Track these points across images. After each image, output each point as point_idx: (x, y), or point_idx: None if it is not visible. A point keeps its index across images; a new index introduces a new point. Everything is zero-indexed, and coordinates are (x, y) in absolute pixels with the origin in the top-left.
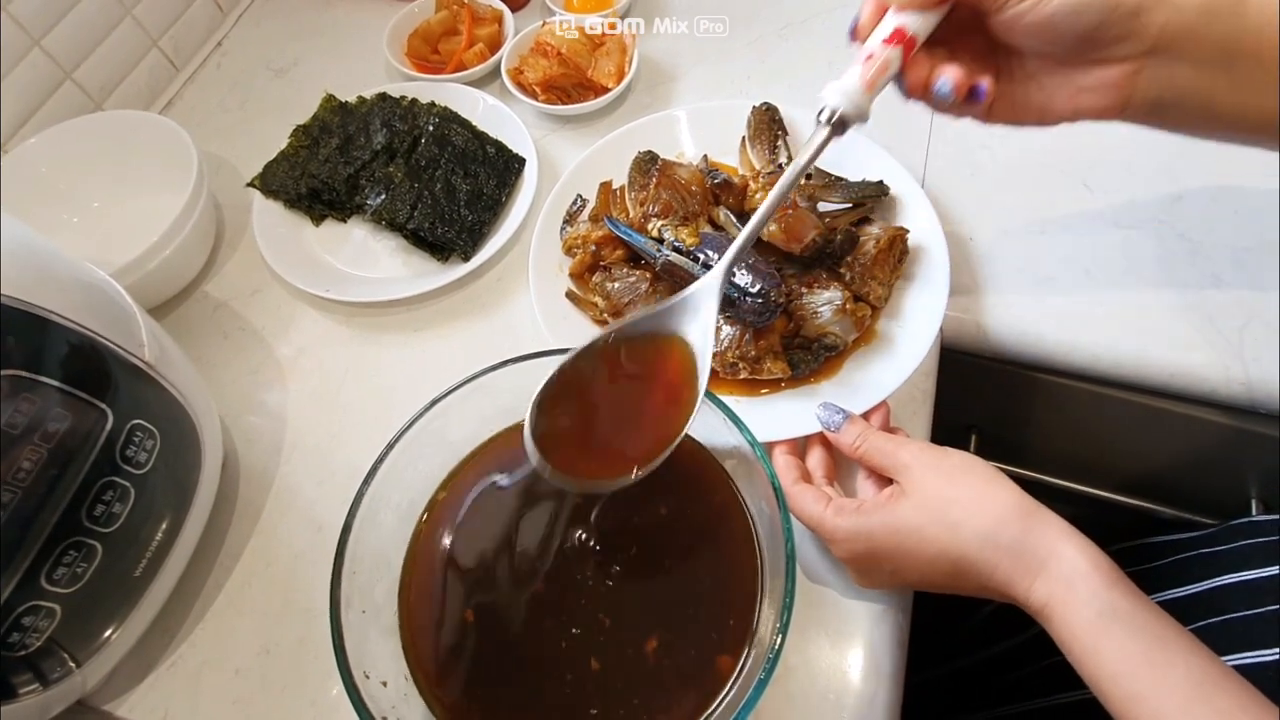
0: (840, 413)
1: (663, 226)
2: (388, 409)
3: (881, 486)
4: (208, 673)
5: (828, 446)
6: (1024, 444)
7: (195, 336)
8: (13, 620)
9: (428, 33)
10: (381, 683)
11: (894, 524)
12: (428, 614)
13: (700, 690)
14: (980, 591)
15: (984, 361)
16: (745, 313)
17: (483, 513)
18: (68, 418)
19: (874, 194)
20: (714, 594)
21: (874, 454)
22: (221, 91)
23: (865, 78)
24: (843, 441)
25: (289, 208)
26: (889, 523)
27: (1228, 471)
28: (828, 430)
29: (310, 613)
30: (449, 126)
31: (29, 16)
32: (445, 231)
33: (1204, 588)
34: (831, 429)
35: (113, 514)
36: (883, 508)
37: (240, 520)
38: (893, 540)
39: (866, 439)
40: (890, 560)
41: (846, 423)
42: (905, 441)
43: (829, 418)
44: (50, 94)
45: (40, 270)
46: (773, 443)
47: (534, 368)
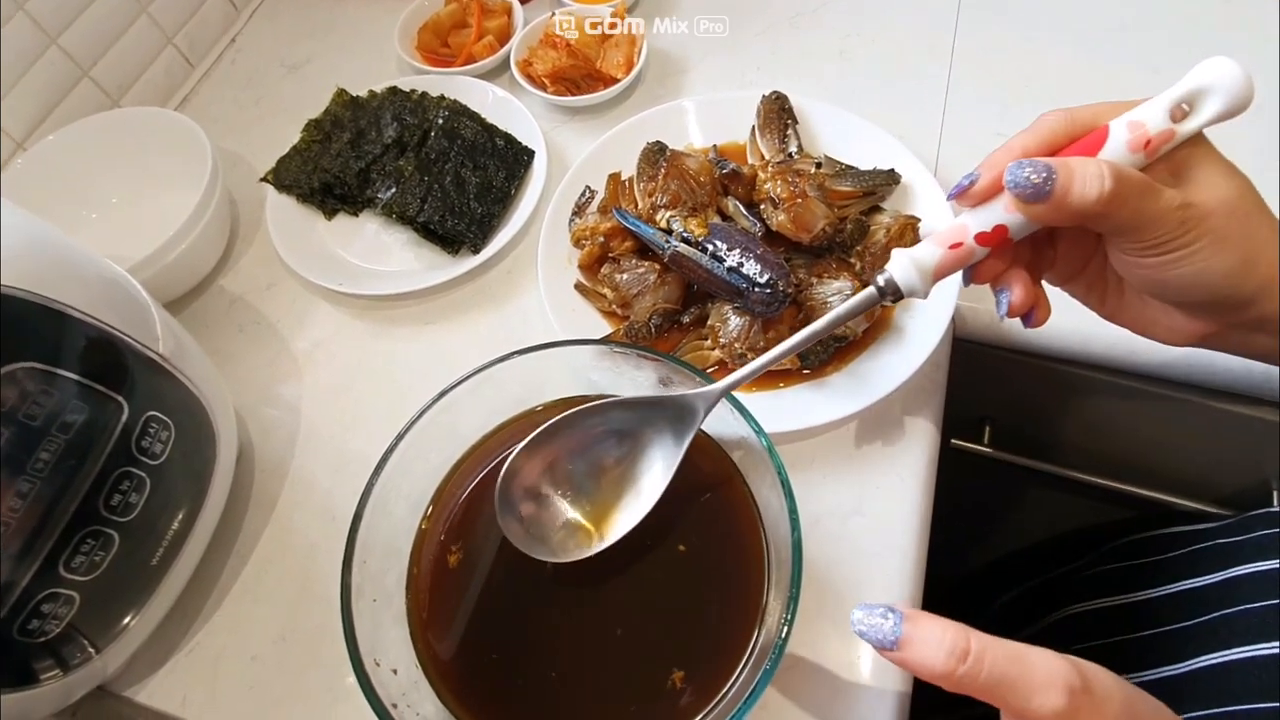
0: (888, 614)
1: (671, 217)
2: (400, 400)
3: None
4: (225, 660)
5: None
6: (1039, 435)
7: (211, 330)
8: (32, 607)
9: (437, 26)
10: (392, 670)
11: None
12: (436, 603)
13: (705, 681)
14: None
15: (998, 352)
16: (753, 303)
17: (488, 502)
18: (84, 409)
19: (885, 182)
20: (720, 584)
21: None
22: (236, 88)
23: (941, 264)
24: (920, 664)
25: (302, 202)
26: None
27: (1248, 463)
28: (879, 648)
29: (325, 601)
30: (458, 119)
31: (46, 15)
32: (455, 224)
33: (1219, 578)
34: (884, 644)
35: (129, 504)
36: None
37: (256, 510)
38: None
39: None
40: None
41: (907, 625)
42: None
43: (875, 628)
44: (68, 92)
45: (57, 265)
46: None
47: (541, 359)
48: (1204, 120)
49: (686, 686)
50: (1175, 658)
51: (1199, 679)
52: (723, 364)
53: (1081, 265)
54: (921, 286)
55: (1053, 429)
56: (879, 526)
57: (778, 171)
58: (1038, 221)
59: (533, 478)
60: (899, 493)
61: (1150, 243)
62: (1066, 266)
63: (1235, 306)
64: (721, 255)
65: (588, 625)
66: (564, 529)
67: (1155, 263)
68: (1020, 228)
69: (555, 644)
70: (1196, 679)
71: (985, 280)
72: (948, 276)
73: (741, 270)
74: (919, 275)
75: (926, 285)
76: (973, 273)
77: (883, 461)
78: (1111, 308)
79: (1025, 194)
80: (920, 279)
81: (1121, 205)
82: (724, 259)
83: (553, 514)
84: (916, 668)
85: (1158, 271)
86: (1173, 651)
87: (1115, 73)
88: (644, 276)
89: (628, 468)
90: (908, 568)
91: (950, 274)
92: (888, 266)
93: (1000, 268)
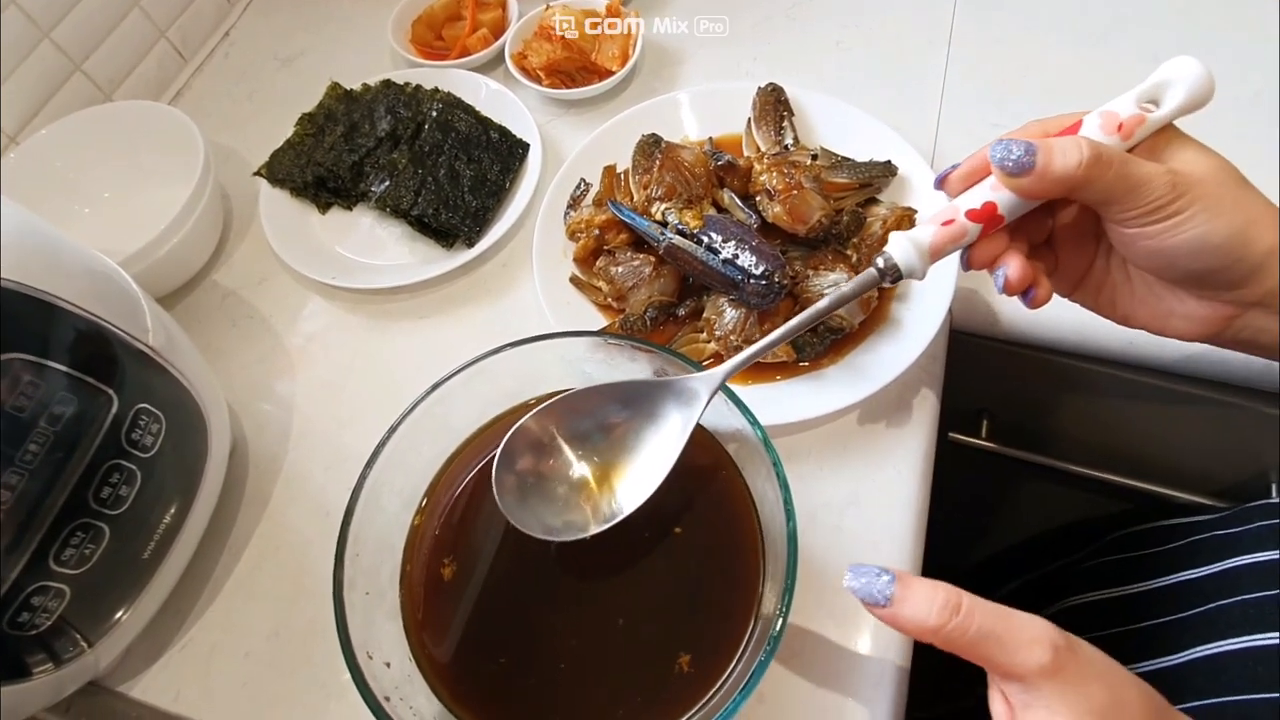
0: (881, 573)
1: (666, 210)
2: (394, 395)
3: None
4: (218, 655)
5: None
6: (1037, 428)
7: (204, 324)
8: (22, 600)
9: (432, 19)
10: (385, 664)
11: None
12: (430, 597)
13: (701, 671)
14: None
15: (995, 344)
16: (749, 295)
17: (482, 496)
18: (73, 401)
19: (881, 174)
20: (716, 575)
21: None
22: (229, 82)
23: (934, 242)
24: (911, 619)
25: (295, 196)
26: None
27: (1247, 455)
28: (870, 604)
29: (319, 597)
30: (452, 112)
31: (39, 9)
32: (449, 217)
33: (1217, 570)
34: (877, 600)
35: (119, 496)
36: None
37: (250, 505)
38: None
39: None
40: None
41: (899, 585)
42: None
43: (867, 584)
44: (60, 86)
45: (47, 257)
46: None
47: (535, 351)
48: (1170, 109)
49: (694, 670)
50: (1173, 649)
51: (1197, 670)
52: (718, 356)
53: (1085, 268)
54: (920, 266)
55: (1051, 422)
56: (876, 518)
57: (773, 163)
58: (1025, 196)
59: (535, 452)
60: (896, 485)
61: (1147, 207)
62: (1070, 272)
63: (1242, 279)
64: (717, 247)
65: (581, 621)
66: (567, 503)
67: (1157, 230)
68: (1010, 206)
69: (548, 640)
70: (1194, 670)
71: (982, 263)
72: (944, 256)
73: (737, 262)
74: (917, 254)
75: (924, 264)
76: (969, 256)
77: (880, 454)
78: (1124, 309)
79: (1009, 168)
80: (918, 257)
81: (1104, 169)
82: (719, 251)
83: (555, 489)
84: (906, 623)
85: (1161, 241)
86: (1170, 643)
87: (1112, 64)
88: (639, 269)
89: (633, 444)
90: (905, 560)
91: (946, 253)
92: (886, 248)
93: (997, 251)
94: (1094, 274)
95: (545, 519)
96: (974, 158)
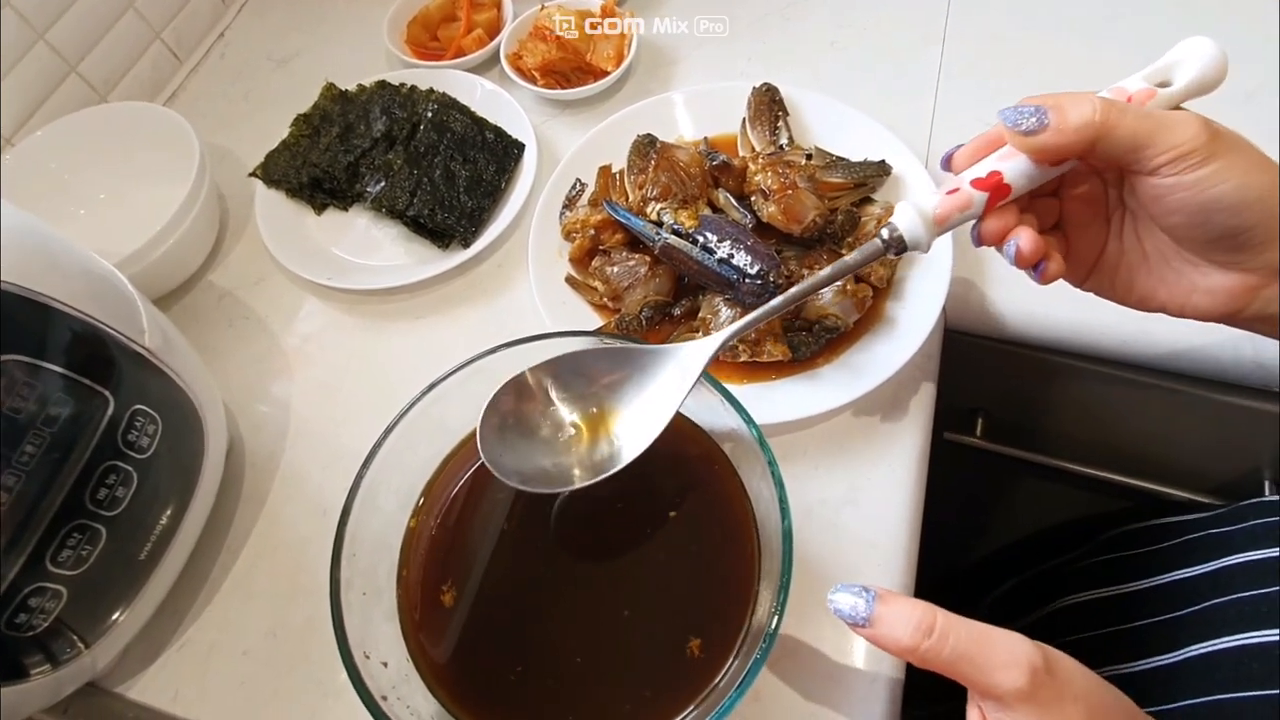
0: (862, 591)
1: (662, 210)
2: (391, 395)
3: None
4: (216, 655)
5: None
6: (1032, 426)
7: (201, 325)
8: (19, 601)
9: (427, 19)
10: (382, 663)
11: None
12: (426, 596)
13: (696, 669)
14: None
15: (989, 343)
16: (744, 295)
17: (478, 495)
18: (69, 402)
19: (876, 174)
20: (711, 573)
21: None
22: (224, 83)
23: (939, 211)
24: (887, 638)
25: (291, 197)
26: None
27: (1240, 453)
28: (852, 624)
29: (316, 596)
30: (448, 113)
31: (33, 10)
32: (445, 218)
33: (1212, 568)
34: (856, 620)
35: (116, 497)
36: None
37: (246, 505)
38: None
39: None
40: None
41: (878, 604)
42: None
43: (847, 603)
44: (55, 87)
45: (43, 258)
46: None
47: (531, 351)
48: (1181, 87)
49: (704, 654)
50: (1168, 647)
51: (1192, 668)
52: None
53: (1097, 252)
54: (925, 236)
55: (1046, 421)
56: (871, 517)
57: (768, 163)
58: (1042, 157)
59: (525, 398)
60: (891, 483)
61: (1182, 149)
62: (1082, 257)
63: (1271, 236)
64: (712, 247)
65: (575, 619)
66: (553, 446)
67: (1194, 179)
68: (1016, 175)
69: (544, 639)
70: (1189, 668)
71: (993, 237)
72: (950, 228)
73: (732, 262)
74: (922, 223)
75: (930, 235)
76: (980, 230)
77: (875, 452)
78: (1142, 290)
79: (1023, 127)
80: (924, 227)
81: (1120, 117)
82: (715, 251)
83: (544, 432)
84: (884, 642)
85: (1198, 192)
86: (1165, 641)
87: (1108, 61)
88: (635, 269)
89: (630, 394)
90: (900, 558)
91: (951, 224)
92: (891, 218)
93: (1007, 224)
94: (1107, 257)
95: (536, 460)
96: (981, 136)
